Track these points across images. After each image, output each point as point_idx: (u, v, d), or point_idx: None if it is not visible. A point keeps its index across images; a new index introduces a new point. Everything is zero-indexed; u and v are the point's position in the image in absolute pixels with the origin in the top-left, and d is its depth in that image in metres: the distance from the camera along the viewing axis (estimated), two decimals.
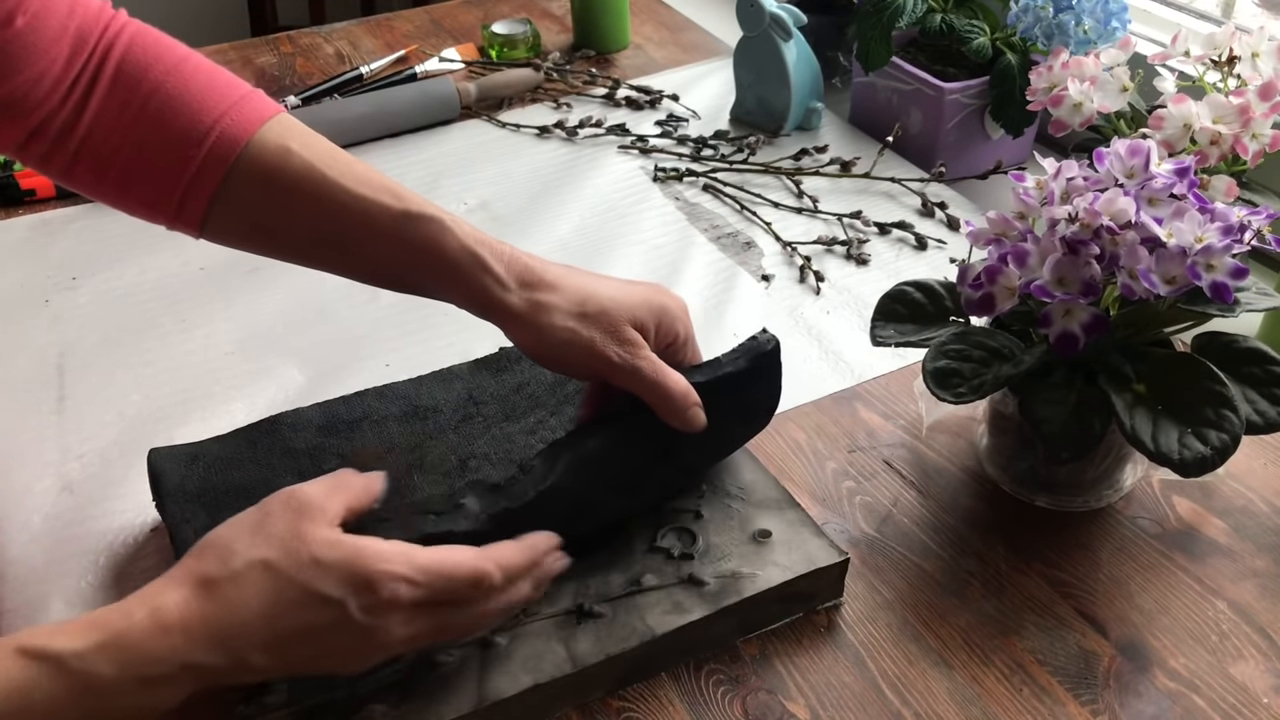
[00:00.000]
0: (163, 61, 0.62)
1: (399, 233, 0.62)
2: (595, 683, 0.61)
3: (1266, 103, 0.73)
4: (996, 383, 0.64)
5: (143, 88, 0.61)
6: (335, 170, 0.62)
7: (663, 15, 1.41)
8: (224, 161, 0.62)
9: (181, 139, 0.61)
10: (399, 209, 0.62)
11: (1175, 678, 0.62)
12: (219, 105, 0.62)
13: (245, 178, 0.62)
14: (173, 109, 0.61)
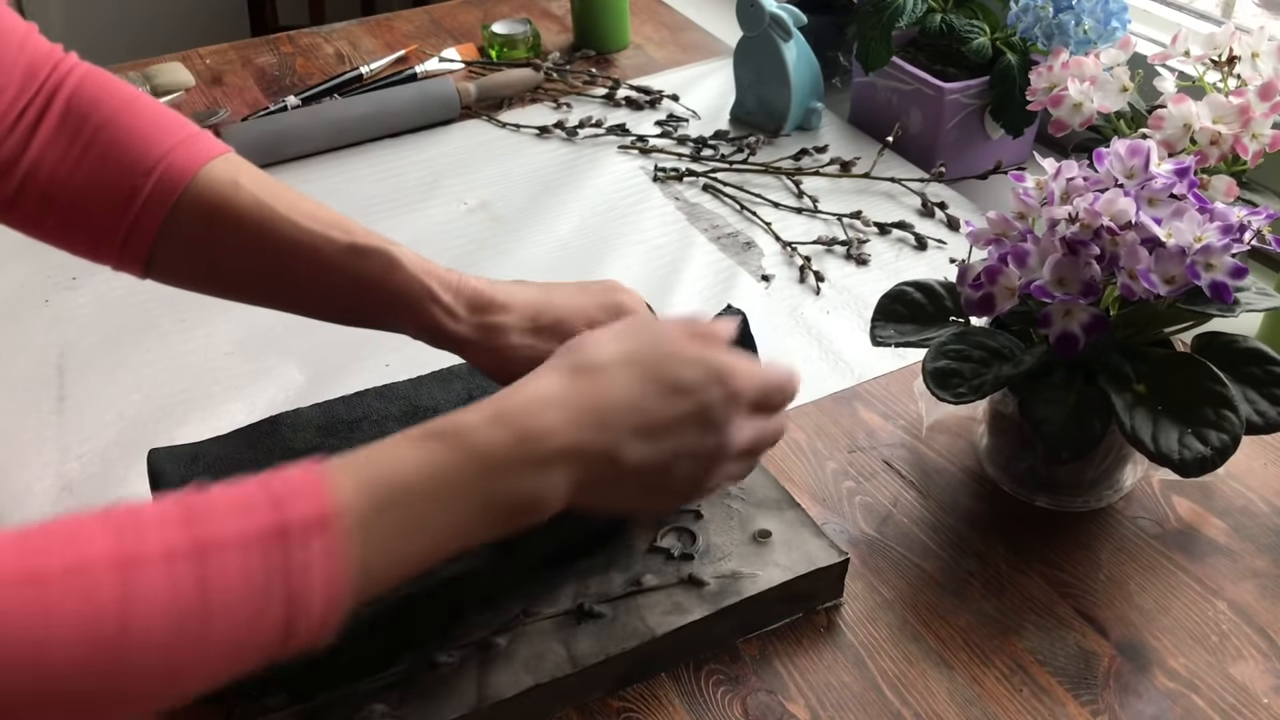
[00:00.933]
0: (112, 99, 0.62)
1: (347, 267, 0.61)
2: (595, 683, 0.61)
3: (1266, 103, 0.73)
4: (996, 383, 0.64)
5: (90, 123, 0.61)
6: (283, 204, 0.62)
7: (663, 15, 1.41)
8: (170, 193, 0.61)
9: (128, 171, 0.60)
10: (346, 242, 0.62)
11: (1175, 678, 0.62)
12: (166, 140, 0.62)
13: (192, 211, 0.61)
14: (120, 144, 0.61)
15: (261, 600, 0.42)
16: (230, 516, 0.42)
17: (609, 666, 0.60)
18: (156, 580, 0.40)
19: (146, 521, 0.42)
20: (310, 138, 1.11)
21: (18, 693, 0.38)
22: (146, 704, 0.42)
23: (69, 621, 0.39)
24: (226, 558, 0.41)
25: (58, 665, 0.38)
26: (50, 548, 0.40)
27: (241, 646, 0.43)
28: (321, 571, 0.43)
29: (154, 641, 0.40)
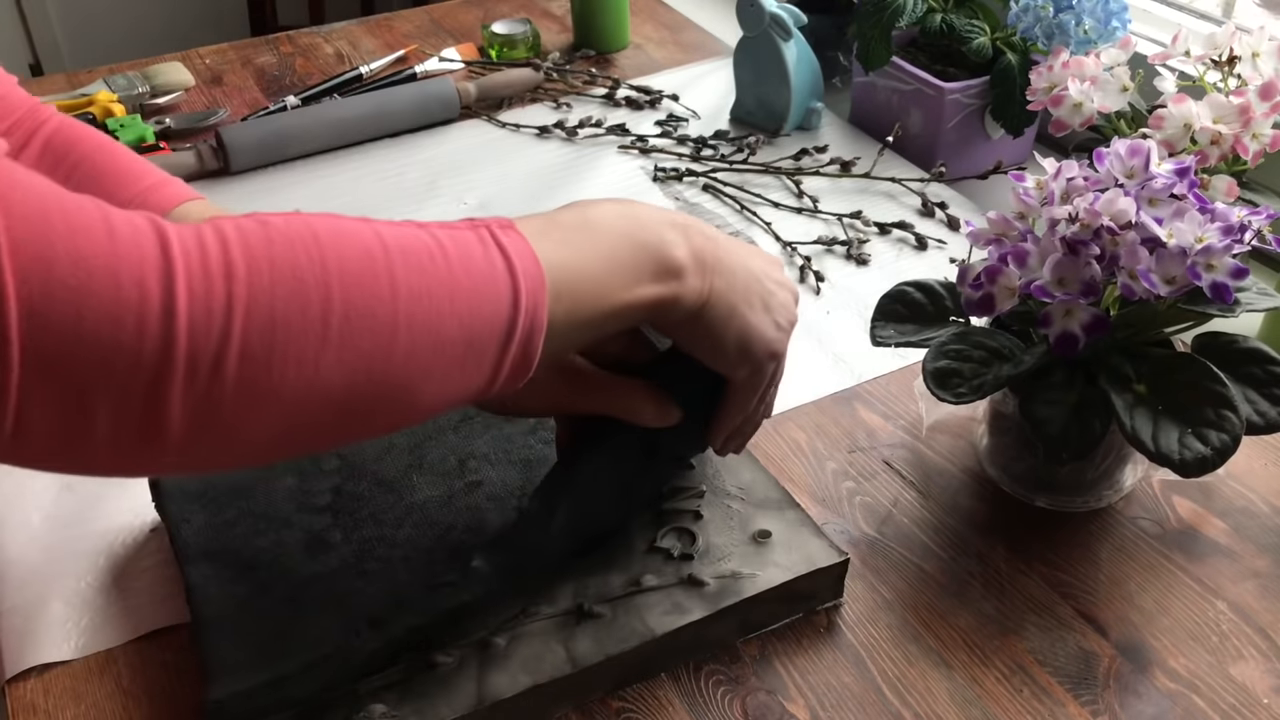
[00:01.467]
0: (88, 141, 0.66)
1: None
2: (595, 683, 0.61)
3: (1267, 102, 0.73)
4: (996, 383, 0.64)
5: (68, 160, 0.65)
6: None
7: (663, 15, 1.41)
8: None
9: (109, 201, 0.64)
10: None
11: (1175, 678, 0.62)
12: (138, 184, 0.66)
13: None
14: (96, 180, 0.65)
15: (483, 256, 0.48)
16: (429, 224, 0.48)
17: (609, 666, 0.60)
18: (403, 230, 0.47)
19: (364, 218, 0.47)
20: (310, 138, 1.11)
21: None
22: (416, 364, 0.45)
23: (349, 242, 0.44)
24: (445, 231, 0.48)
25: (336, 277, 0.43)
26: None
27: (483, 299, 0.47)
28: (519, 248, 0.49)
29: (413, 264, 0.45)
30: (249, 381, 0.41)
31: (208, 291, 0.40)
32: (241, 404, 0.41)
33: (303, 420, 0.43)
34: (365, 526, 0.66)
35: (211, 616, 0.62)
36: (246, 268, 0.41)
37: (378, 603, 0.61)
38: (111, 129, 1.12)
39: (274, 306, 0.41)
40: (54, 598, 0.66)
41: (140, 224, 0.40)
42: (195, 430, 0.41)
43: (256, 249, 0.41)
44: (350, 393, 0.44)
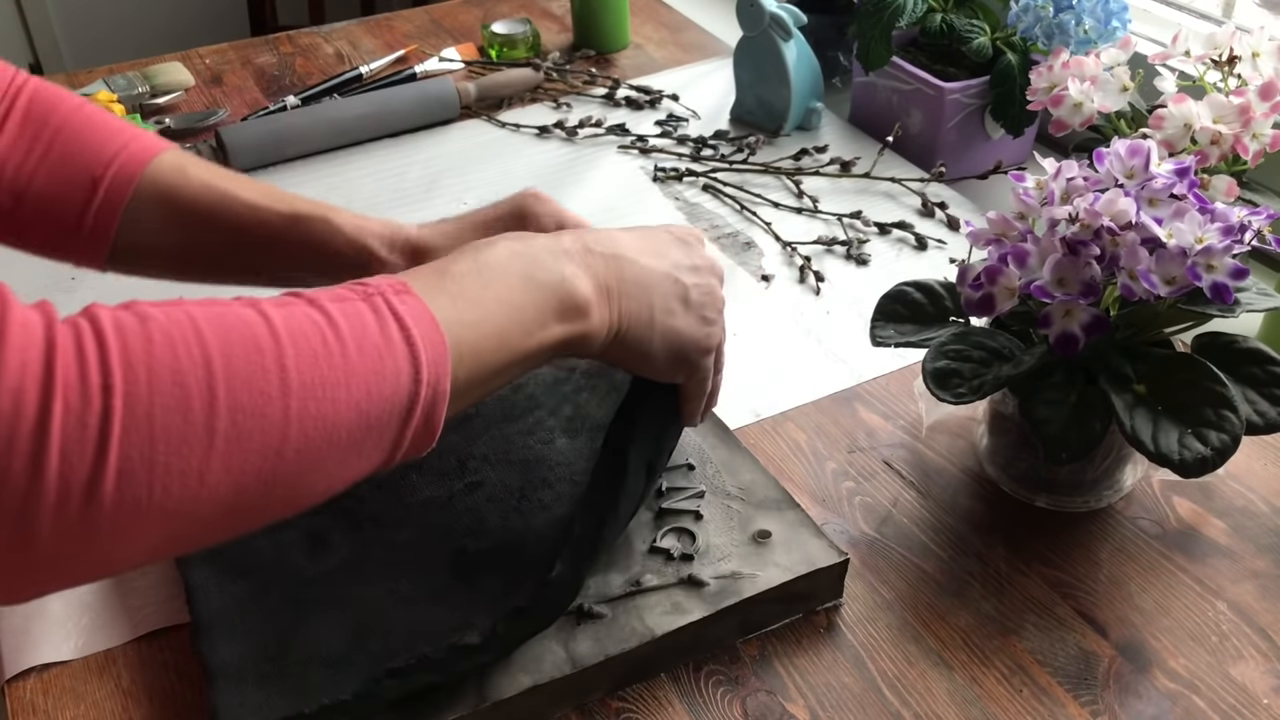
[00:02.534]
0: (64, 104, 0.67)
1: (292, 235, 0.66)
2: (594, 683, 0.61)
3: (1267, 102, 0.73)
4: (996, 383, 0.64)
5: (49, 127, 0.66)
6: (231, 185, 0.67)
7: (663, 15, 1.41)
8: (127, 186, 0.65)
9: (89, 163, 0.65)
10: (288, 212, 0.67)
11: (1175, 678, 0.62)
12: (118, 139, 0.67)
13: (148, 201, 0.66)
14: (78, 143, 0.66)
15: (379, 331, 0.46)
16: (321, 293, 0.47)
17: (608, 667, 0.60)
18: (292, 311, 0.44)
19: (253, 299, 0.45)
20: (310, 138, 1.11)
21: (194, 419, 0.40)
22: (308, 458, 0.43)
23: (236, 336, 0.42)
24: (337, 305, 0.46)
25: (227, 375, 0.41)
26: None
27: (381, 379, 0.45)
28: (416, 313, 0.47)
29: (304, 351, 0.43)
30: (127, 500, 0.38)
31: (84, 408, 0.37)
32: (119, 523, 0.39)
33: (186, 530, 0.41)
34: (365, 528, 0.66)
35: (211, 617, 0.62)
36: (124, 378, 0.38)
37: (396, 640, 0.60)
38: None
39: (153, 419, 0.39)
40: (54, 598, 0.66)
41: (33, 327, 0.38)
42: (68, 552, 0.38)
43: (135, 354, 0.39)
44: (238, 495, 0.42)
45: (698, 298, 0.60)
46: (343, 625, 0.61)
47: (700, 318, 0.60)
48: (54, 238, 0.67)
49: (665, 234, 0.62)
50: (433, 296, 0.49)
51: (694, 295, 0.60)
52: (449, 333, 0.48)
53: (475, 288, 0.51)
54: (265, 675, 0.58)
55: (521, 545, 0.65)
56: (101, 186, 0.65)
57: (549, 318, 0.53)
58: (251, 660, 0.59)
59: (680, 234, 0.63)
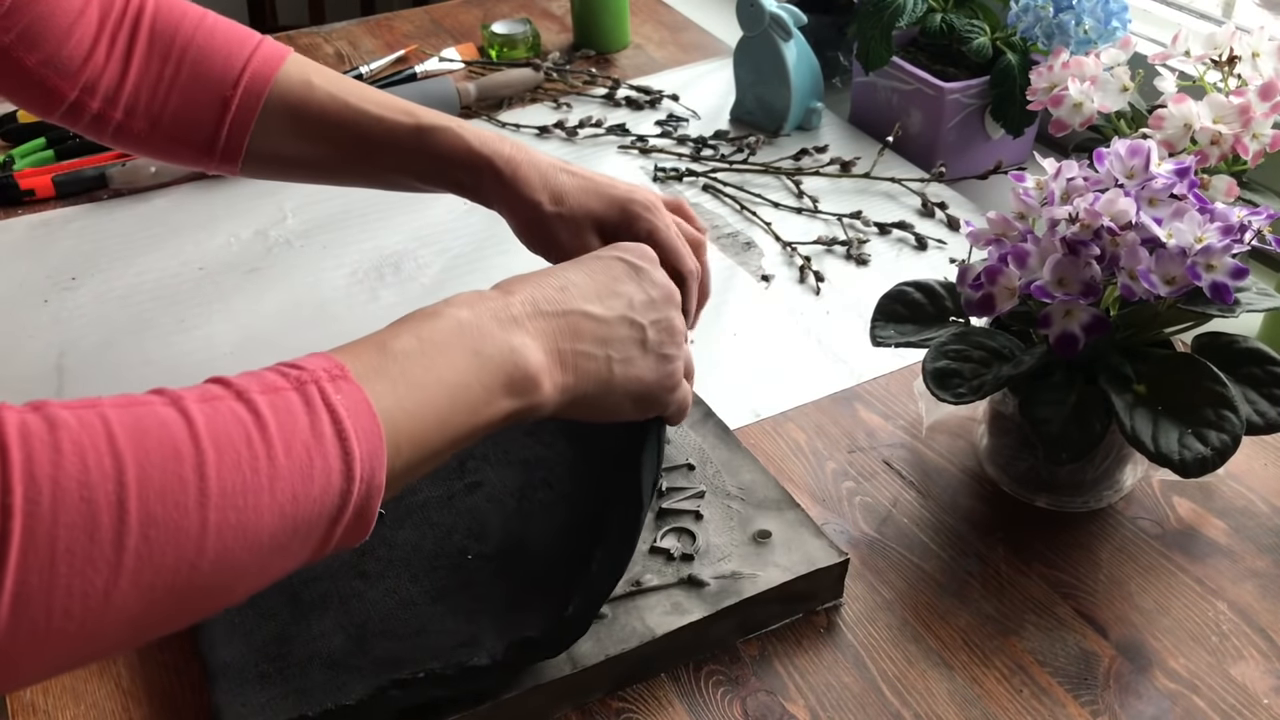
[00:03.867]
0: (188, 19, 0.71)
1: (417, 145, 0.71)
2: (595, 683, 0.61)
3: (1267, 103, 0.73)
4: (996, 383, 0.64)
5: (175, 46, 0.70)
6: (354, 96, 0.71)
7: (663, 15, 1.41)
8: (258, 98, 0.70)
9: (219, 84, 0.70)
10: (413, 124, 0.71)
11: (1175, 678, 0.62)
12: (243, 52, 0.71)
13: (277, 114, 0.71)
14: (206, 60, 0.70)
15: (310, 428, 0.43)
16: (252, 382, 0.43)
17: (608, 667, 0.60)
18: (218, 409, 0.41)
19: (177, 394, 0.42)
20: None
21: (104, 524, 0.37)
22: (226, 567, 0.40)
23: (153, 443, 0.39)
24: (267, 397, 0.43)
25: (140, 490, 0.38)
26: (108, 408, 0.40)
27: (309, 481, 0.42)
28: (353, 404, 0.44)
29: (227, 457, 0.40)
30: (24, 625, 0.36)
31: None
32: (14, 648, 0.36)
33: (93, 647, 0.39)
34: None
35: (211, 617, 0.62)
36: (25, 496, 0.35)
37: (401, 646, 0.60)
38: None
39: (56, 539, 0.36)
40: None
41: None
42: None
43: (40, 469, 0.36)
44: (148, 610, 0.39)
45: (655, 336, 0.59)
46: (343, 625, 0.61)
47: (659, 356, 0.59)
48: (189, 155, 0.72)
49: (617, 263, 0.60)
50: (371, 382, 0.46)
51: (651, 335, 0.58)
52: (387, 422, 0.45)
53: (418, 369, 0.48)
54: (266, 675, 0.58)
55: (523, 549, 0.65)
56: (232, 106, 0.70)
57: (496, 394, 0.51)
58: (252, 660, 0.59)
59: (633, 258, 0.60)
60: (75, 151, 1.09)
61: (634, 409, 0.59)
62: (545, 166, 0.71)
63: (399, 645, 0.59)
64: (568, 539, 0.65)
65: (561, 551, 0.64)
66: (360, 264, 0.97)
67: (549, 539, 0.65)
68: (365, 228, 1.01)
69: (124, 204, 1.04)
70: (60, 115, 0.70)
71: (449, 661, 0.58)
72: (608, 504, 0.62)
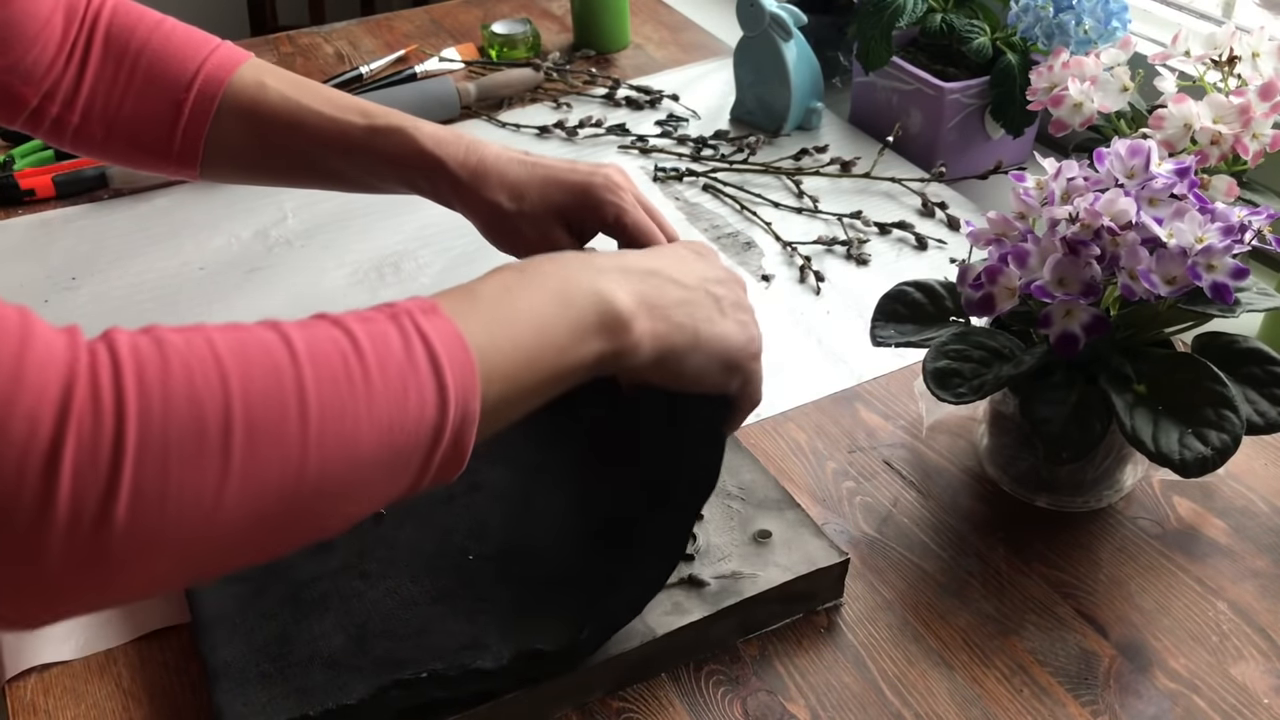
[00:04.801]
0: (144, 23, 0.70)
1: (369, 148, 0.69)
2: (595, 683, 0.61)
3: (1267, 102, 0.73)
4: (997, 383, 0.64)
5: (131, 48, 0.69)
6: (307, 96, 0.70)
7: (663, 15, 1.41)
8: (211, 101, 0.70)
9: (172, 87, 0.70)
10: (365, 125, 0.70)
11: (1175, 678, 0.62)
12: (198, 55, 0.70)
13: (230, 116, 0.70)
14: (160, 64, 0.70)
15: (404, 353, 0.44)
16: (346, 314, 0.46)
17: (609, 667, 0.60)
18: (315, 333, 0.43)
19: (275, 321, 0.44)
20: None
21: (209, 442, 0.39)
22: (329, 484, 0.42)
23: (255, 359, 0.41)
24: (363, 325, 0.45)
25: (245, 398, 0.40)
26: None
27: (405, 403, 0.44)
28: (445, 334, 0.46)
29: (325, 375, 0.42)
30: (140, 526, 0.38)
31: (96, 433, 0.37)
32: (131, 549, 0.38)
33: (202, 557, 0.41)
34: (366, 527, 0.66)
35: (211, 616, 0.62)
36: (139, 403, 0.38)
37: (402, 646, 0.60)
38: None
39: (167, 445, 0.38)
40: None
41: (56, 350, 0.38)
42: (77, 580, 0.38)
43: (151, 379, 0.39)
44: (255, 523, 0.41)
45: (731, 302, 0.60)
46: (344, 625, 0.61)
47: (739, 321, 0.59)
48: (145, 159, 0.72)
49: (684, 250, 0.62)
50: (462, 316, 0.48)
51: (728, 300, 0.59)
52: (478, 354, 0.47)
53: (506, 307, 0.50)
54: (267, 675, 0.58)
55: (527, 551, 0.65)
56: (185, 109, 0.69)
57: (587, 333, 0.52)
58: (253, 660, 0.59)
59: (696, 248, 0.62)
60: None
61: (720, 372, 0.58)
62: (503, 163, 0.69)
63: (400, 645, 0.59)
64: (576, 544, 0.65)
65: (569, 556, 0.64)
66: (360, 264, 0.96)
67: (554, 542, 0.65)
68: (365, 228, 1.01)
69: (124, 204, 1.04)
70: (23, 121, 0.69)
71: (451, 662, 0.58)
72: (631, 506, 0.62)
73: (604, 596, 0.60)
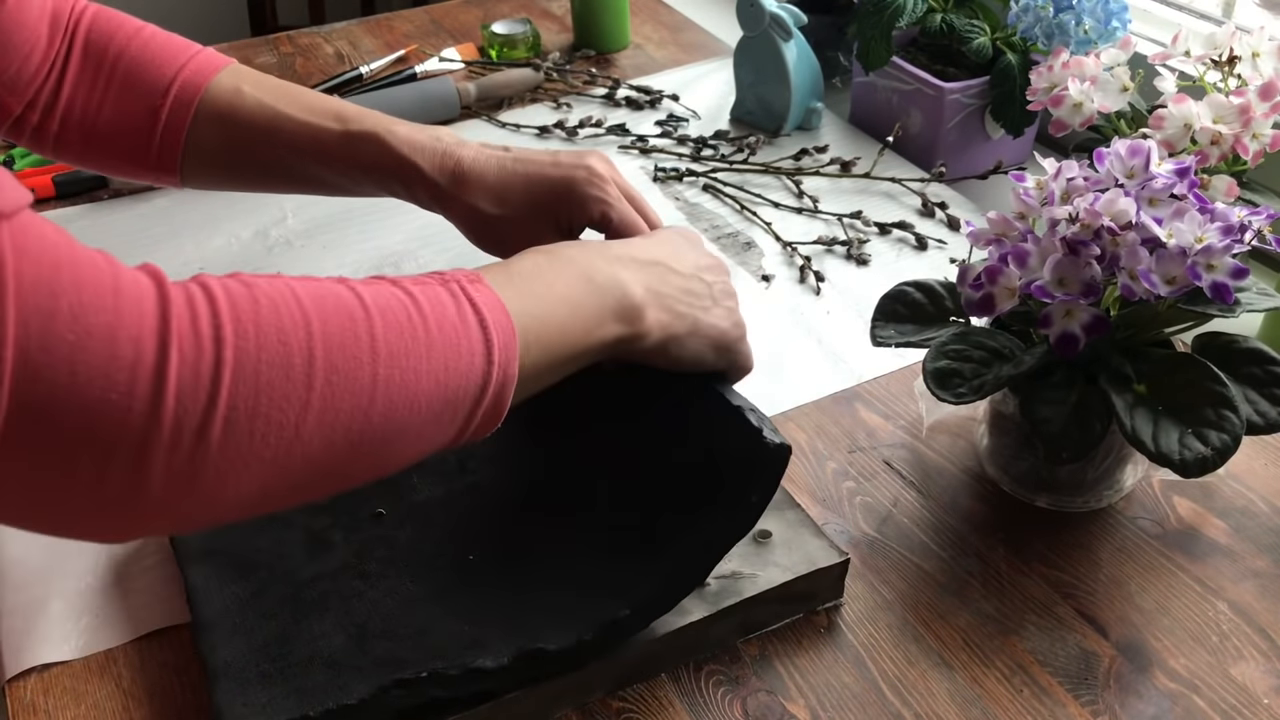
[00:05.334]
0: (123, 30, 0.70)
1: (346, 154, 0.69)
2: (595, 683, 0.61)
3: (1267, 102, 0.73)
4: (997, 383, 0.64)
5: (108, 57, 0.69)
6: (283, 102, 0.70)
7: (663, 15, 1.41)
8: (186, 110, 0.69)
9: (149, 94, 0.69)
10: (340, 131, 0.69)
11: (1175, 678, 0.62)
12: (175, 62, 0.70)
13: (207, 122, 0.70)
14: (137, 70, 0.69)
15: (456, 312, 0.48)
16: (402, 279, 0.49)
17: (609, 667, 0.60)
18: (379, 289, 0.47)
19: (341, 278, 0.48)
20: None
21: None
22: (392, 424, 0.46)
23: (331, 304, 0.45)
24: (418, 286, 0.49)
25: (322, 334, 0.43)
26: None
27: (458, 356, 0.48)
28: (489, 301, 0.50)
29: (391, 323, 0.46)
30: (231, 446, 0.41)
31: (197, 357, 0.40)
32: (223, 467, 0.41)
33: (280, 481, 0.44)
34: (366, 527, 0.66)
35: (211, 616, 0.62)
36: (234, 332, 0.41)
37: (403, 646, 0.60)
38: None
39: (259, 372, 0.41)
40: (54, 598, 0.66)
41: (145, 284, 0.40)
42: (175, 493, 0.41)
43: (244, 313, 0.42)
44: (328, 453, 0.44)
45: (720, 290, 0.63)
46: (344, 625, 0.61)
47: (727, 309, 0.63)
48: (124, 166, 0.71)
49: (678, 238, 0.65)
50: (502, 288, 0.52)
51: (717, 289, 0.63)
52: (517, 321, 0.51)
53: (541, 284, 0.54)
54: (267, 675, 0.58)
55: (528, 551, 0.65)
56: (162, 115, 0.69)
57: (607, 317, 0.56)
58: (253, 660, 0.59)
59: (686, 235, 0.66)
60: None
61: (715, 356, 0.63)
62: (482, 166, 0.68)
63: (400, 645, 0.59)
64: (578, 545, 0.65)
65: (570, 558, 0.64)
66: (360, 264, 0.97)
67: (555, 543, 0.65)
68: (365, 228, 1.01)
69: (124, 204, 1.04)
70: (6, 130, 0.69)
71: (452, 662, 0.58)
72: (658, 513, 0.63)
73: (609, 600, 0.60)
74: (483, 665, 0.57)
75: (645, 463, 0.66)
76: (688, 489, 0.63)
